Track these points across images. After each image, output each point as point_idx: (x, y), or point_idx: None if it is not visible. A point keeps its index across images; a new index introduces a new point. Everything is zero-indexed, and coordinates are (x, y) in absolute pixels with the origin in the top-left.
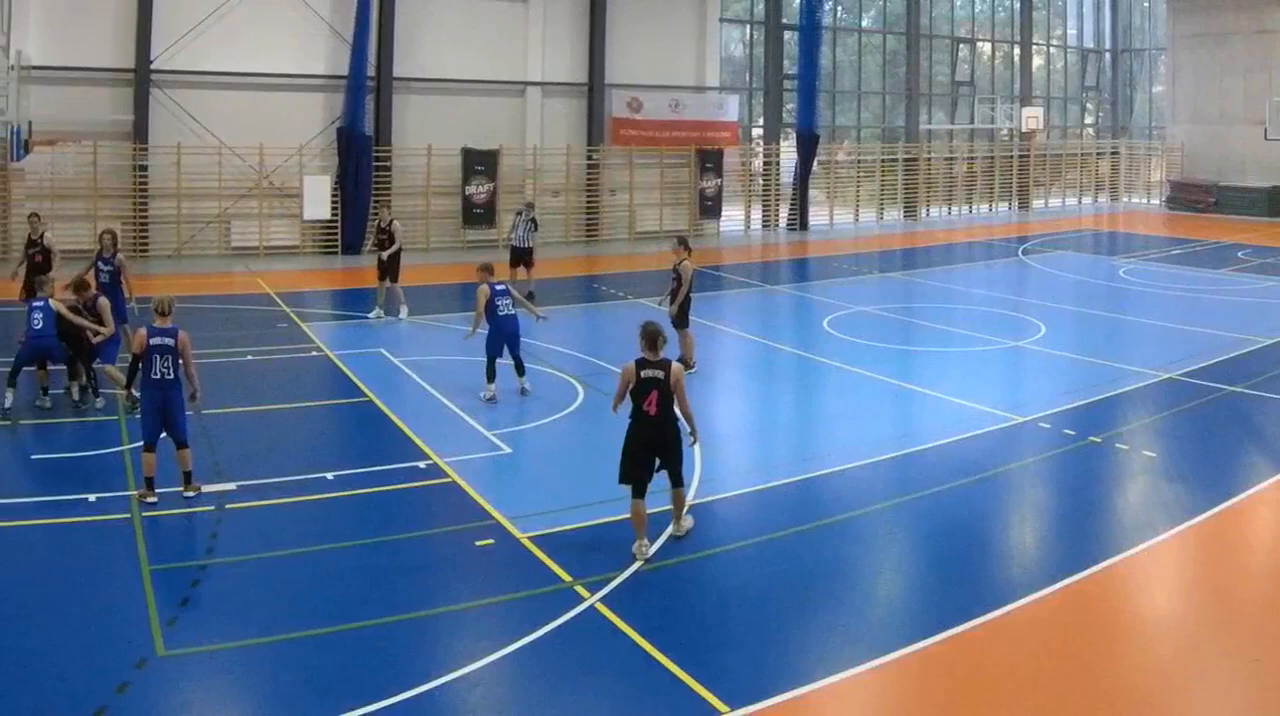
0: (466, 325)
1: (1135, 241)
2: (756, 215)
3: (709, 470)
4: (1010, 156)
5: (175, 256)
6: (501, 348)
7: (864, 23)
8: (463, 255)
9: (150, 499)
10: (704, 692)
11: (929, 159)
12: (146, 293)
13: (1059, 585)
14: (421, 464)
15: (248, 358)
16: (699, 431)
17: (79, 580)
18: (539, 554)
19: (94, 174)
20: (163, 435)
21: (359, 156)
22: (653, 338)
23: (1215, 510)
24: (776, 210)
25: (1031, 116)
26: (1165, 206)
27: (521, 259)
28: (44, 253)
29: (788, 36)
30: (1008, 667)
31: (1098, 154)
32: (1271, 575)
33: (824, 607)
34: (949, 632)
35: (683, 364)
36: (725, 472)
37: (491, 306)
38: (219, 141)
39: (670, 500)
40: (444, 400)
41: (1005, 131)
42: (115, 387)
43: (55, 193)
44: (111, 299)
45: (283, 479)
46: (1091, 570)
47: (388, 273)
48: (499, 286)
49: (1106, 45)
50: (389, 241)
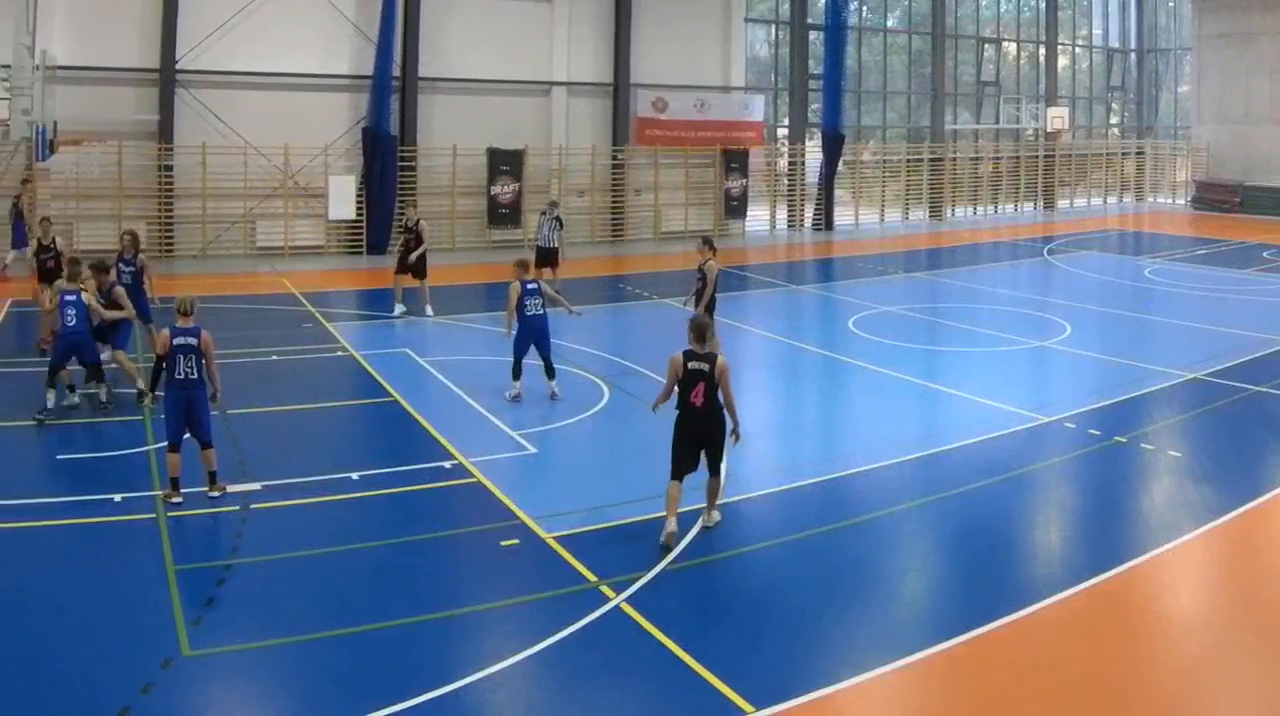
0: (492, 325)
1: (1160, 241)
2: (781, 215)
3: (735, 469)
4: (1035, 156)
5: (200, 256)
6: (528, 346)
7: (889, 23)
8: (488, 255)
9: (175, 499)
10: (729, 692)
11: (954, 159)
12: (171, 293)
13: (1084, 585)
14: (447, 464)
15: (273, 357)
16: (741, 425)
17: (104, 580)
18: (564, 554)
19: (119, 174)
20: (187, 435)
21: (384, 156)
22: (701, 330)
23: (1241, 510)
24: (801, 210)
25: (1056, 116)
26: (1190, 206)
27: (547, 260)
28: (56, 257)
29: (813, 36)
30: (1033, 668)
31: (1123, 154)
32: None
33: (849, 608)
34: (974, 632)
35: None
36: (751, 472)
37: (520, 304)
38: (244, 141)
39: (705, 493)
40: (469, 400)
41: (1030, 131)
42: (127, 379)
43: (80, 193)
44: (135, 300)
45: (308, 479)
46: (1117, 570)
47: (413, 271)
48: (530, 284)
49: (1132, 45)
50: (416, 241)
